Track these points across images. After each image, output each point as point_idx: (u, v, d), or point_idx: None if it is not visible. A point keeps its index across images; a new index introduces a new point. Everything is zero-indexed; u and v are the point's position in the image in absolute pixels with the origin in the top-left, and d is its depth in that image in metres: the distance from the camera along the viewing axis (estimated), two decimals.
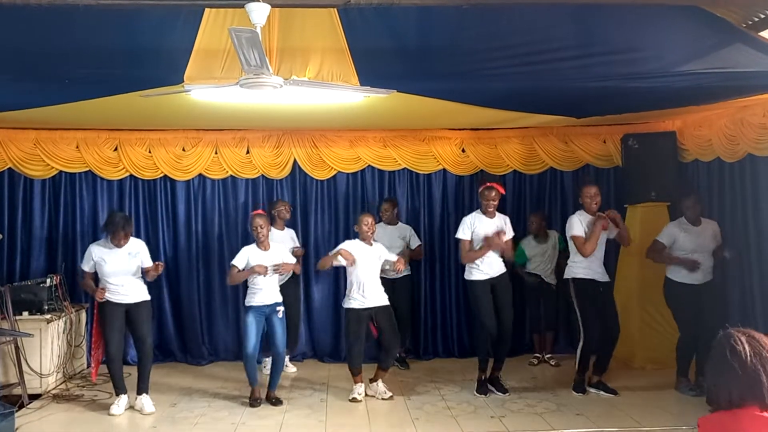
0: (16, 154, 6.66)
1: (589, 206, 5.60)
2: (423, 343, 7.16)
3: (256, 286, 5.50)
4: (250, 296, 5.54)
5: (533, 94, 5.01)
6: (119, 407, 5.36)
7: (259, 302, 5.50)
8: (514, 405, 5.44)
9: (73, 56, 4.27)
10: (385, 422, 5.12)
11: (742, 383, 1.99)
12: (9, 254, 6.80)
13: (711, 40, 4.42)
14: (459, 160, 7.10)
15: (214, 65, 4.35)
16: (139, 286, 5.45)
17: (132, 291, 5.38)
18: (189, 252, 7.05)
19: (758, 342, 2.04)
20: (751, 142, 5.37)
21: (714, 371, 2.09)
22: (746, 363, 2.00)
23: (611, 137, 6.95)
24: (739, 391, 2.00)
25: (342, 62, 4.36)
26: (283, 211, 6.51)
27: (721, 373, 2.05)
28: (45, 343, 5.93)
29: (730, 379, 2.01)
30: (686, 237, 5.62)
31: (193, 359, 6.98)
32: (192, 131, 6.89)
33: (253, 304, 5.51)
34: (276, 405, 5.49)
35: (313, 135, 6.96)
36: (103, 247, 5.39)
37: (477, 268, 5.63)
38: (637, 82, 4.53)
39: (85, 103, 5.09)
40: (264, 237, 5.53)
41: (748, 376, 1.99)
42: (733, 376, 2.01)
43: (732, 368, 2.01)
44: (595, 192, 5.62)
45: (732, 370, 2.01)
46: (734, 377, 2.00)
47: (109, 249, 5.37)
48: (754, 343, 2.04)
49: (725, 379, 2.03)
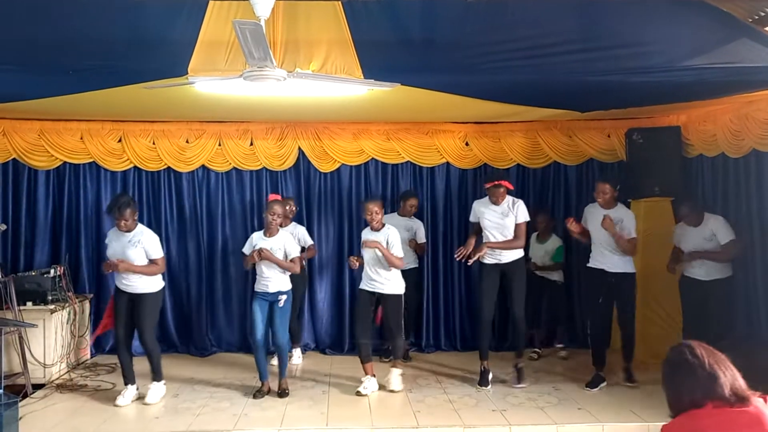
0: (20, 144, 6.67)
1: (597, 200, 5.69)
2: (425, 337, 7.17)
3: (260, 274, 5.54)
4: (256, 283, 5.63)
5: (537, 87, 4.99)
6: (124, 398, 5.39)
7: (261, 289, 5.55)
8: (515, 398, 5.45)
9: (77, 47, 4.27)
10: (386, 414, 5.14)
11: (703, 383, 2.18)
12: (13, 244, 6.82)
13: (716, 34, 4.40)
14: (462, 154, 7.08)
15: (218, 57, 4.35)
16: (142, 279, 5.39)
17: (136, 282, 5.37)
18: (192, 243, 7.06)
19: (710, 348, 2.29)
20: (756, 138, 5.35)
21: (675, 379, 2.26)
22: (705, 363, 2.21)
23: (615, 131, 6.93)
24: (702, 390, 2.18)
25: (346, 55, 4.36)
26: (287, 209, 6.39)
27: (683, 379, 2.24)
28: (49, 333, 5.98)
29: (693, 382, 2.20)
30: (683, 238, 5.69)
31: (196, 350, 7.00)
32: (196, 123, 6.89)
33: (257, 291, 5.58)
34: (283, 396, 5.52)
35: (317, 127, 6.96)
36: (113, 231, 5.47)
37: (489, 252, 5.65)
38: (641, 77, 4.52)
39: (90, 95, 5.09)
40: (276, 224, 5.54)
41: (708, 376, 2.18)
42: (694, 378, 2.20)
43: (693, 371, 2.21)
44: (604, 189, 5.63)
45: (693, 373, 2.20)
46: (696, 379, 2.20)
47: (116, 234, 5.42)
48: (707, 348, 2.28)
49: (688, 382, 2.21)
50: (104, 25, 4.21)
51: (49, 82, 4.82)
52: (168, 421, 5.02)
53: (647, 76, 4.51)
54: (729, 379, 2.20)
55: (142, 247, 5.36)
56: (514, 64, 4.42)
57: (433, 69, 4.50)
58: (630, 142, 6.61)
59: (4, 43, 4.22)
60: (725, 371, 2.21)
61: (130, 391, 5.44)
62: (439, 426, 4.87)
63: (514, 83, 4.85)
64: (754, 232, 5.54)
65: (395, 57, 4.40)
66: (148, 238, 5.42)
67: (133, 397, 5.45)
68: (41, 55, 4.30)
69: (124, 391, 5.43)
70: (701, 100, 5.63)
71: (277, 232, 5.58)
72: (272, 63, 3.53)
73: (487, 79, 4.66)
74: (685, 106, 6.13)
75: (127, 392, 5.42)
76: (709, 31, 4.41)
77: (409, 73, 4.46)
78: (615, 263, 5.64)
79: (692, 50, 4.40)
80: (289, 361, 6.36)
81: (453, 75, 4.59)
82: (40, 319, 5.86)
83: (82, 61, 4.31)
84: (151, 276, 5.42)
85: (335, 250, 7.15)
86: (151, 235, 5.47)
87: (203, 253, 7.06)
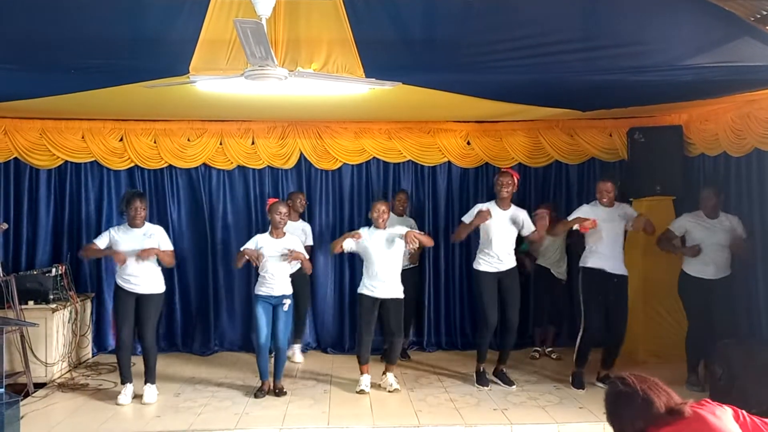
0: (22, 143, 6.68)
1: (600, 200, 5.63)
2: (426, 336, 7.17)
3: (264, 276, 5.49)
4: (258, 285, 5.55)
5: (538, 86, 4.99)
6: (126, 396, 5.39)
7: (266, 292, 5.49)
8: (516, 398, 5.45)
9: (79, 46, 4.27)
10: (388, 414, 5.13)
11: (640, 409, 2.27)
12: (15, 244, 6.83)
13: (718, 33, 4.39)
14: (464, 153, 7.08)
15: (219, 56, 4.35)
16: (153, 277, 5.44)
17: (144, 282, 5.39)
18: (195, 242, 7.07)
19: (641, 375, 2.36)
20: (758, 137, 5.34)
21: (615, 413, 2.35)
22: (638, 390, 2.28)
23: (617, 130, 6.92)
24: (642, 418, 2.27)
25: (347, 54, 4.35)
26: (298, 203, 6.53)
27: (621, 410, 2.32)
28: (50, 333, 5.98)
29: (632, 411, 2.28)
30: (698, 229, 5.58)
31: (198, 349, 7.01)
32: (197, 122, 6.89)
33: (260, 294, 5.51)
34: (280, 396, 5.51)
35: (318, 126, 6.96)
36: (121, 229, 5.47)
37: (486, 259, 5.64)
38: (643, 76, 4.51)
39: (91, 93, 5.09)
40: (284, 224, 5.52)
41: (643, 401, 2.27)
42: (633, 407, 2.28)
43: (630, 400, 2.29)
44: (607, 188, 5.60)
45: (631, 403, 2.28)
46: (634, 408, 2.28)
47: (126, 230, 5.43)
48: (638, 376, 2.35)
49: (627, 412, 2.30)
50: (106, 24, 4.21)
51: (50, 81, 4.82)
52: (170, 420, 5.02)
53: (648, 75, 4.50)
54: (663, 400, 2.27)
55: (156, 240, 5.44)
56: (515, 63, 4.41)
57: (434, 68, 4.50)
58: (631, 141, 6.60)
59: (6, 42, 4.22)
60: (659, 394, 2.28)
61: (129, 389, 5.44)
62: (440, 425, 4.87)
63: (515, 82, 4.84)
64: (755, 231, 5.54)
65: (397, 56, 4.39)
66: (160, 230, 5.58)
67: (132, 394, 5.45)
68: (43, 54, 4.30)
69: (123, 389, 5.43)
70: (703, 99, 5.62)
71: (284, 234, 5.57)
72: (273, 62, 3.53)
73: (489, 78, 4.66)
74: (687, 105, 6.13)
75: (127, 390, 5.42)
76: (711, 30, 4.40)
77: (410, 71, 4.45)
78: (617, 265, 5.61)
79: (694, 49, 4.39)
80: (291, 359, 6.38)
81: (454, 74, 4.58)
82: (41, 318, 5.85)
83: (84, 60, 4.31)
84: (169, 266, 5.62)
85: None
86: (160, 227, 5.62)
87: (206, 252, 7.05)
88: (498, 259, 5.61)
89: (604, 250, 5.58)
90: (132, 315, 5.42)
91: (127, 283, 5.39)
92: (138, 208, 5.38)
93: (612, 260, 5.59)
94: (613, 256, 5.59)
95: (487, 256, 5.64)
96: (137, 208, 5.38)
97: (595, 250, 5.62)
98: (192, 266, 7.07)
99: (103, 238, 5.47)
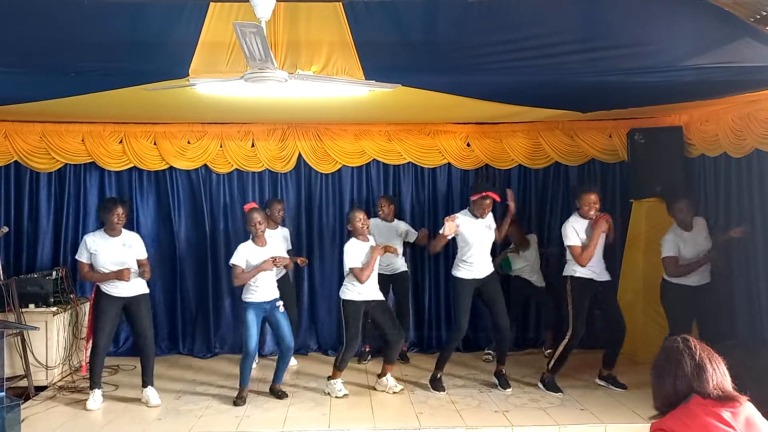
0: (22, 147, 6.68)
1: (587, 214, 5.49)
2: (427, 338, 7.17)
3: (255, 283, 5.40)
4: (248, 292, 5.44)
5: (538, 88, 4.99)
6: (95, 402, 5.35)
7: (259, 299, 5.43)
8: (518, 400, 5.45)
9: (78, 49, 4.28)
10: (389, 416, 5.13)
11: (689, 373, 2.17)
12: (15, 247, 6.84)
13: (718, 34, 4.38)
14: (464, 154, 7.08)
15: (219, 59, 4.36)
16: (137, 280, 5.40)
17: (130, 285, 5.35)
18: (194, 245, 7.07)
19: (705, 344, 2.27)
20: (758, 137, 5.33)
21: (663, 366, 2.25)
22: (695, 354, 2.20)
23: (617, 132, 6.92)
24: (687, 381, 2.17)
25: (347, 56, 4.36)
26: (276, 213, 6.38)
27: (670, 366, 2.22)
28: (51, 336, 5.97)
29: (681, 370, 2.19)
30: (684, 245, 5.50)
31: (199, 352, 7.01)
32: (197, 124, 6.89)
33: (254, 301, 5.43)
34: (281, 398, 5.51)
35: (318, 129, 6.96)
36: (98, 237, 5.38)
37: (465, 266, 5.62)
38: (643, 77, 4.50)
39: (91, 96, 5.10)
40: (262, 233, 5.43)
41: (696, 365, 2.17)
42: (681, 366, 2.19)
43: (682, 358, 2.20)
44: (595, 199, 5.51)
45: (682, 361, 2.19)
46: (682, 368, 2.18)
47: (104, 239, 5.35)
48: (702, 343, 2.26)
49: (674, 370, 2.20)
50: (105, 27, 4.22)
51: (50, 84, 4.83)
52: (170, 423, 5.02)
53: (648, 76, 4.50)
54: (717, 376, 2.17)
55: (135, 249, 5.42)
56: (515, 64, 4.41)
57: (434, 70, 4.50)
58: (632, 142, 6.60)
59: (6, 46, 4.22)
60: (715, 367, 2.19)
61: (98, 394, 5.40)
62: (441, 427, 4.87)
63: (515, 84, 4.85)
64: (756, 232, 5.52)
65: (396, 58, 4.39)
66: (138, 239, 5.54)
67: (101, 400, 5.41)
68: (42, 57, 4.30)
69: (92, 394, 5.38)
70: (703, 100, 5.61)
71: (266, 242, 5.51)
72: (273, 65, 3.53)
73: (488, 79, 4.66)
74: (687, 106, 6.12)
75: (97, 395, 5.39)
76: (711, 31, 4.39)
77: (410, 73, 4.45)
78: (602, 272, 5.58)
79: (694, 50, 4.38)
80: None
81: (454, 76, 4.58)
82: (42, 321, 5.85)
83: (84, 63, 4.32)
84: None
85: (337, 252, 7.13)
86: (137, 236, 5.61)
87: (205, 254, 7.06)
88: (477, 265, 5.60)
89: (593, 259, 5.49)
90: (114, 321, 5.39)
91: (114, 288, 5.33)
92: (119, 215, 5.30)
93: (598, 268, 5.56)
94: (598, 264, 5.56)
95: (465, 263, 5.63)
96: (119, 215, 5.30)
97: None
98: (192, 269, 7.06)
99: (83, 252, 5.35)
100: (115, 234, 5.36)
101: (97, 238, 5.37)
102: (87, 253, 5.34)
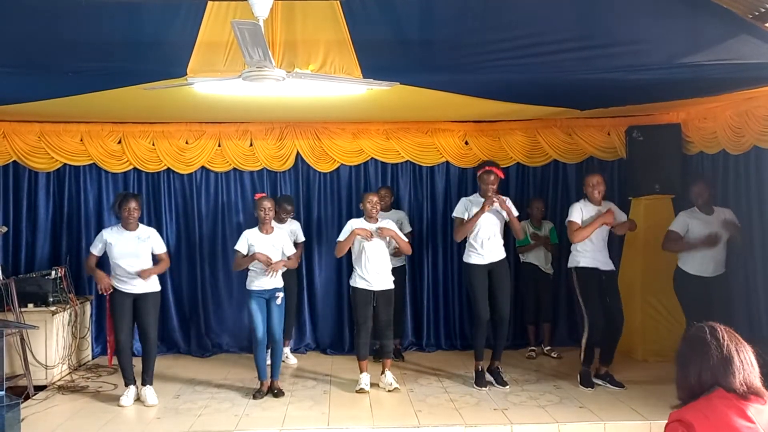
0: (20, 146, 6.68)
1: (591, 195, 5.60)
2: (426, 335, 7.17)
3: (256, 270, 5.48)
4: (250, 280, 5.53)
5: (536, 86, 4.99)
6: (128, 398, 5.40)
7: (259, 287, 5.48)
8: (516, 397, 5.45)
9: (76, 49, 4.28)
10: (387, 414, 5.13)
11: (716, 364, 2.05)
12: (14, 246, 6.83)
13: (716, 31, 4.39)
14: (462, 153, 7.08)
15: (216, 58, 4.36)
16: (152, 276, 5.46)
17: (141, 281, 5.38)
18: (193, 244, 7.06)
19: (732, 332, 2.14)
20: (756, 134, 5.34)
21: (688, 355, 2.14)
22: (723, 345, 2.07)
23: (615, 129, 6.92)
24: (712, 372, 2.06)
25: (344, 54, 4.37)
26: (283, 214, 6.38)
27: (695, 356, 2.11)
28: (50, 335, 5.97)
29: (706, 361, 2.07)
30: (698, 225, 5.54)
31: (197, 351, 7.01)
32: (195, 124, 6.89)
33: (253, 289, 5.50)
34: (278, 396, 5.51)
35: (316, 127, 6.96)
36: (114, 231, 5.45)
37: (476, 251, 5.65)
38: (640, 74, 4.51)
39: (89, 96, 5.10)
40: (270, 219, 5.52)
41: (723, 357, 2.05)
42: (708, 357, 2.07)
43: (709, 350, 2.07)
44: (597, 181, 5.60)
45: (708, 352, 2.07)
46: (708, 358, 2.07)
47: (119, 232, 5.41)
48: (731, 332, 2.13)
49: (700, 360, 2.08)
50: (103, 26, 4.22)
51: (48, 84, 4.82)
52: (169, 422, 5.01)
53: (646, 74, 4.50)
54: (745, 369, 2.05)
55: (150, 243, 5.45)
56: (512, 62, 4.42)
57: (431, 68, 4.50)
58: (630, 139, 6.61)
59: (3, 46, 4.23)
60: (743, 359, 2.06)
61: (133, 391, 5.45)
62: (440, 425, 4.86)
63: (512, 82, 4.85)
64: (754, 229, 5.53)
65: (394, 56, 4.40)
66: (155, 233, 5.58)
67: (135, 396, 5.45)
68: (40, 57, 4.30)
69: (126, 391, 5.44)
70: (701, 97, 5.61)
71: (272, 229, 5.57)
72: (271, 63, 3.53)
73: (486, 77, 4.66)
74: (685, 104, 6.13)
75: (130, 392, 5.43)
76: (709, 28, 4.40)
77: (407, 72, 4.46)
78: (607, 261, 5.63)
79: (691, 47, 4.39)
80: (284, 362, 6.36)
81: (451, 74, 4.59)
82: (41, 320, 5.85)
83: (82, 63, 4.32)
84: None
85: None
86: (154, 230, 5.62)
87: (204, 253, 7.06)
88: (488, 250, 5.62)
89: (594, 249, 5.57)
90: (130, 316, 5.42)
91: (124, 284, 5.38)
92: (131, 209, 5.34)
93: (602, 257, 5.61)
94: (602, 254, 5.61)
95: (473, 248, 5.65)
96: (131, 210, 5.34)
97: (584, 249, 5.58)
98: (191, 268, 7.06)
99: (97, 244, 5.44)
100: (131, 228, 5.40)
101: (114, 231, 5.46)
102: (100, 245, 5.42)
